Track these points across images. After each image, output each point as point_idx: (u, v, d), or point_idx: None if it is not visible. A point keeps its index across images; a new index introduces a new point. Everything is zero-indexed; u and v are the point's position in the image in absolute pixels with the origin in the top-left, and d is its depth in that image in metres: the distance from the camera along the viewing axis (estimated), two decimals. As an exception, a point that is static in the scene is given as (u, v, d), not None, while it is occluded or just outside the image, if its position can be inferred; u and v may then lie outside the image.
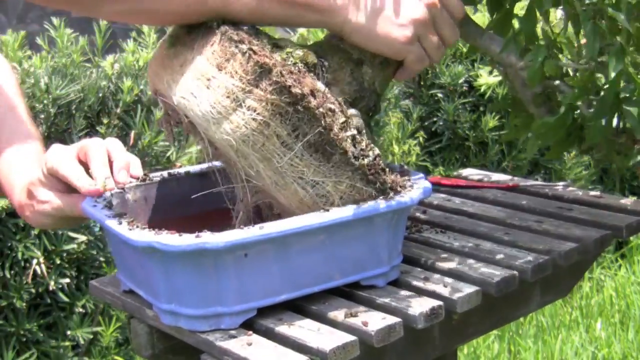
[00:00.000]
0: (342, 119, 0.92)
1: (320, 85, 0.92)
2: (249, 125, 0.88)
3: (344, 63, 1.00)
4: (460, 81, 2.94)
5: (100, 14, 0.94)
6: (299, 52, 0.95)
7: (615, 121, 0.96)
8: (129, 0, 0.90)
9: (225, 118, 0.89)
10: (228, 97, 0.89)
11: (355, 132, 0.93)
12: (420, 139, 2.94)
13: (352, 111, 0.96)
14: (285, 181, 0.90)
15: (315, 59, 0.96)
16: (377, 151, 0.95)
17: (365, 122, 0.98)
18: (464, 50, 2.91)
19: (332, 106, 0.91)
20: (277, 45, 0.95)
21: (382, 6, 0.95)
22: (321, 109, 0.90)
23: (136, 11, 0.92)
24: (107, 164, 1.02)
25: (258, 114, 0.88)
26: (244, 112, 0.88)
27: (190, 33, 0.95)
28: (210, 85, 0.89)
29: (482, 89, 2.90)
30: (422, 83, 3.04)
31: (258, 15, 0.94)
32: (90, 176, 1.01)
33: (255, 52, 0.89)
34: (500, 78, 1.14)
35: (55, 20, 2.15)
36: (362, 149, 0.93)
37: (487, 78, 2.34)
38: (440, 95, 3.00)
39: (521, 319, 2.71)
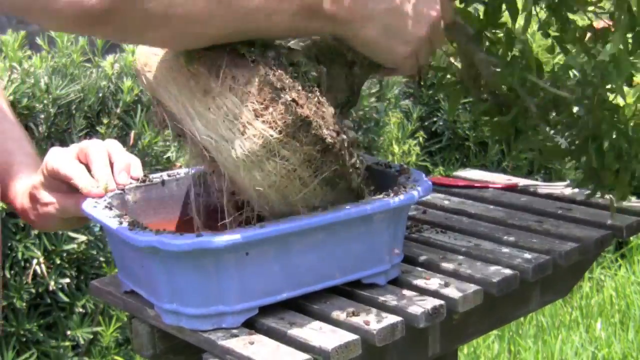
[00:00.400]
0: (347, 141, 0.92)
1: (332, 110, 0.91)
2: (279, 174, 0.88)
3: (340, 70, 0.99)
4: (460, 81, 2.94)
5: (142, 40, 0.90)
6: (314, 73, 0.92)
7: None
8: (172, 25, 0.84)
9: (257, 166, 0.87)
10: (264, 147, 0.86)
11: (356, 158, 0.93)
12: (420, 139, 2.94)
13: (347, 122, 0.95)
14: (293, 210, 0.91)
15: (324, 72, 0.94)
16: (364, 166, 0.95)
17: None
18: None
19: (345, 136, 0.91)
20: (292, 63, 0.92)
21: (393, 22, 0.95)
22: (343, 151, 0.89)
23: (180, 35, 0.86)
24: (108, 164, 1.03)
25: (290, 163, 0.87)
26: (276, 161, 0.87)
27: (208, 50, 0.89)
28: (246, 132, 0.86)
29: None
30: (422, 83, 3.03)
31: (290, 31, 0.91)
32: (92, 177, 1.01)
33: (297, 104, 0.86)
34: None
35: (55, 21, 2.15)
36: (357, 170, 0.94)
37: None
38: (440, 95, 3.00)
39: (521, 319, 2.72)
